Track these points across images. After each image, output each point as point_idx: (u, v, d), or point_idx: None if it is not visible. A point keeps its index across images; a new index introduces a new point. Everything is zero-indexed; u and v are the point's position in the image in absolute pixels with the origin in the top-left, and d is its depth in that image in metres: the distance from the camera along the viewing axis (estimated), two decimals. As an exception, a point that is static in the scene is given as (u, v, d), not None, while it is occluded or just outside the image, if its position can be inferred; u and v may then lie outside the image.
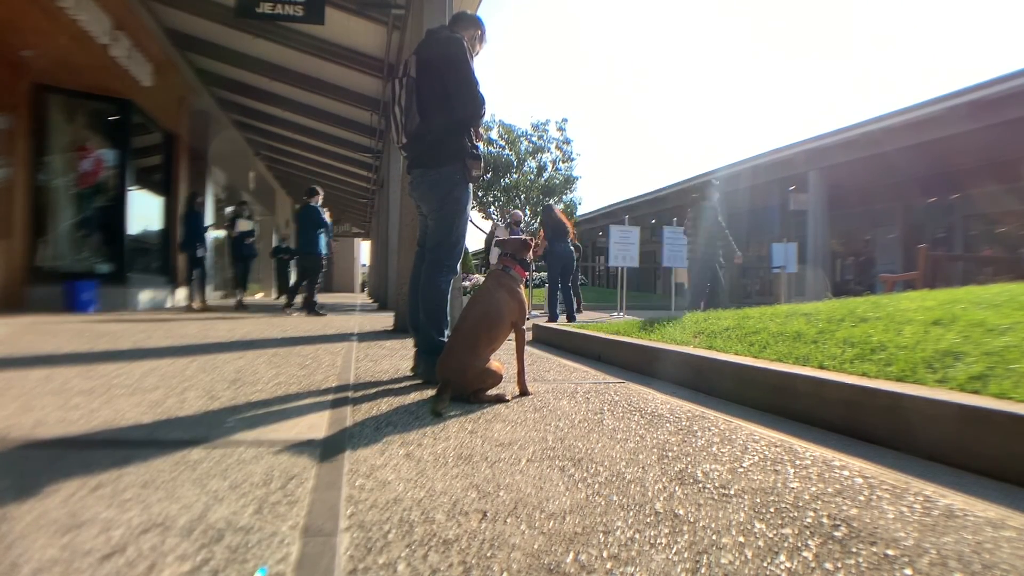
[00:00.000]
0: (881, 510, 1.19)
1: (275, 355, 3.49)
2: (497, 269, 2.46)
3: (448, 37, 2.72)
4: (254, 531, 1.06)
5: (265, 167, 17.61)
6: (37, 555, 0.95)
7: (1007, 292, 3.02)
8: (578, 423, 1.92)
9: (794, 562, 0.97)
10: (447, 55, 2.66)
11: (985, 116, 10.09)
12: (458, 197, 2.69)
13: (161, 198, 10.12)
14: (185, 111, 10.52)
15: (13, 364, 3.01)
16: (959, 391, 1.67)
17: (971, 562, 0.97)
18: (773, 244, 13.83)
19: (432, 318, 2.67)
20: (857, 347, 2.32)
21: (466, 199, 2.73)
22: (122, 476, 1.33)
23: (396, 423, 1.88)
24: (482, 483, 1.33)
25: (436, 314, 2.67)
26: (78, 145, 8.08)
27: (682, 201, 18.94)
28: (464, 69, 2.63)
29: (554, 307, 7.72)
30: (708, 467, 1.47)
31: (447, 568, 0.94)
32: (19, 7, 6.13)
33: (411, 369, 2.90)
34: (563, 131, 30.47)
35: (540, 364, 3.39)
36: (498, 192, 29.81)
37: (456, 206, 2.70)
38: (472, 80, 2.64)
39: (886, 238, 16.71)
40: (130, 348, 3.77)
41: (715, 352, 2.74)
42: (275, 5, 6.72)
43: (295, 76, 9.76)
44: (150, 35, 8.57)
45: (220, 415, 1.94)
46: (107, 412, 1.96)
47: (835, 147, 13.23)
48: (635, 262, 11.79)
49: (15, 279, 7.12)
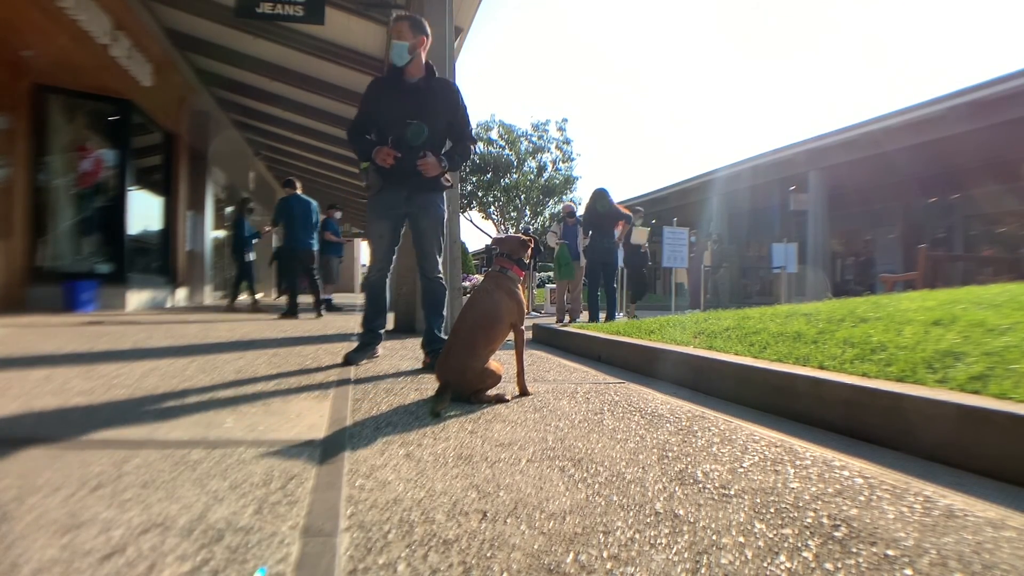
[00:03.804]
0: (881, 510, 1.19)
1: (275, 355, 3.49)
2: (495, 270, 2.47)
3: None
4: (254, 531, 1.05)
5: (265, 167, 17.62)
6: (37, 555, 0.95)
7: (1007, 292, 3.02)
8: (578, 423, 1.92)
9: (794, 562, 0.97)
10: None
11: (985, 116, 10.08)
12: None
13: (161, 198, 10.11)
14: (185, 111, 10.51)
15: (13, 364, 3.01)
16: (959, 391, 1.67)
17: (971, 562, 0.97)
18: (773, 244, 13.82)
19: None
20: (857, 347, 2.32)
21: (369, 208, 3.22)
22: (122, 476, 1.33)
23: (396, 423, 1.88)
24: (482, 483, 1.33)
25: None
26: (78, 145, 8.07)
27: (682, 201, 18.97)
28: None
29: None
30: (708, 467, 1.47)
31: (447, 568, 0.94)
32: (19, 7, 6.12)
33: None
34: (563, 131, 30.50)
35: (540, 364, 3.39)
36: (498, 192, 29.81)
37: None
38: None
39: (886, 238, 16.70)
40: (130, 348, 3.77)
41: (715, 352, 2.74)
42: (275, 5, 6.71)
43: (295, 76, 9.75)
44: (150, 35, 8.56)
45: (220, 415, 1.94)
46: (107, 412, 1.96)
47: (835, 147, 13.22)
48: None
49: (15, 279, 7.11)
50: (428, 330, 3.18)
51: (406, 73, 3.04)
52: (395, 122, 2.99)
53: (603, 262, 7.04)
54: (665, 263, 12.05)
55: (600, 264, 7.04)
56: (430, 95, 3.04)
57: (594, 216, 7.08)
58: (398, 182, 3.03)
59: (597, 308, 7.11)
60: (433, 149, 3.03)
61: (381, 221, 3.13)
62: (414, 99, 3.02)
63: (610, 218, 7.07)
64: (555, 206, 29.43)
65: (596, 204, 7.10)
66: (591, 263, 7.14)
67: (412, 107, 3.00)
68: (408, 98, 3.02)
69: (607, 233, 7.07)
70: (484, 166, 29.58)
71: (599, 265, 7.05)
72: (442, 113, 3.06)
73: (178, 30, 9.16)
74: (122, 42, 7.55)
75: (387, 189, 3.07)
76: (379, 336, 3.33)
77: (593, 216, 7.10)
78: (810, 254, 13.53)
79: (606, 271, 7.08)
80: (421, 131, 2.95)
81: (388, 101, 3.06)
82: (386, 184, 3.06)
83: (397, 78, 3.06)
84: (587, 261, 7.27)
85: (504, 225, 30.37)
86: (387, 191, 3.07)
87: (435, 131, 3.03)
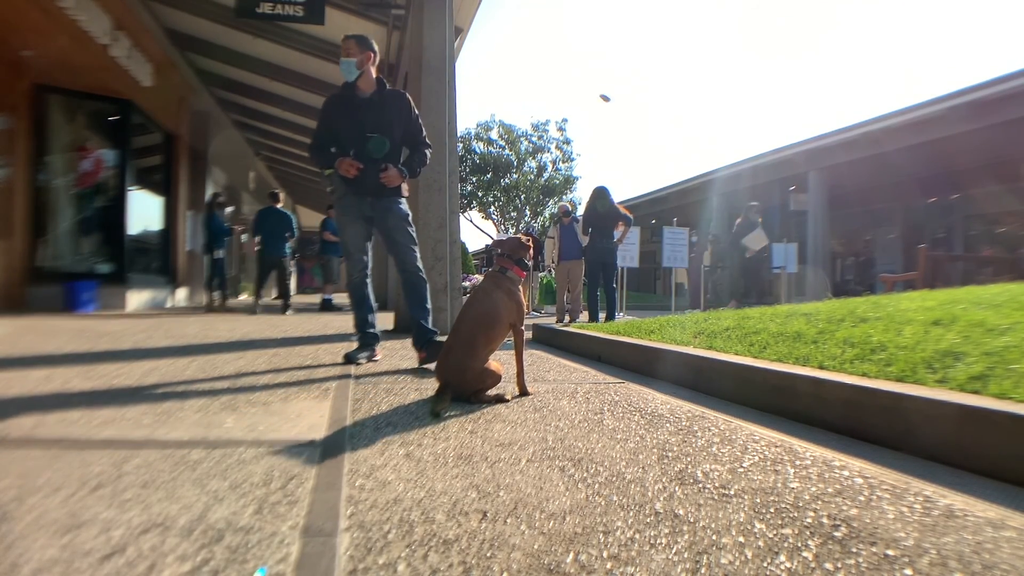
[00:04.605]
0: (881, 510, 1.19)
1: (275, 355, 3.49)
2: (495, 270, 2.47)
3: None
4: (254, 531, 1.05)
5: (265, 167, 17.62)
6: (37, 555, 0.95)
7: (1007, 292, 3.02)
8: (578, 423, 1.92)
9: (794, 562, 0.97)
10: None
11: (985, 116, 10.08)
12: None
13: (161, 198, 10.11)
14: (185, 111, 10.51)
15: (13, 364, 3.01)
16: (959, 391, 1.67)
17: (971, 562, 0.97)
18: (773, 244, 13.82)
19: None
20: (857, 347, 2.32)
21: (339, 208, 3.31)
22: (122, 476, 1.33)
23: (396, 423, 1.88)
24: (482, 483, 1.33)
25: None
26: (78, 145, 8.08)
27: (682, 201, 18.96)
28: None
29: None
30: (708, 467, 1.47)
31: (447, 568, 0.94)
32: (19, 7, 6.13)
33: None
34: (563, 131, 30.48)
35: (540, 364, 3.39)
36: (498, 192, 29.81)
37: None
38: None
39: (886, 238, 16.71)
40: (130, 348, 3.77)
41: (715, 352, 2.74)
42: (275, 5, 6.72)
43: (295, 76, 9.76)
44: (150, 35, 8.57)
45: (220, 415, 1.94)
46: (107, 412, 1.96)
47: (835, 147, 13.22)
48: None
49: (15, 279, 7.12)
50: (415, 325, 3.22)
51: (358, 88, 3.20)
52: (354, 136, 3.14)
53: (603, 262, 7.01)
54: (665, 263, 12.05)
55: (600, 264, 7.02)
56: (384, 108, 3.19)
57: (594, 216, 7.06)
58: (362, 191, 3.17)
59: (597, 308, 7.09)
60: (392, 160, 3.18)
61: (353, 223, 3.24)
62: (369, 113, 3.17)
63: (610, 218, 7.04)
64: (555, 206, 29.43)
65: (596, 203, 7.07)
66: (591, 263, 7.11)
67: (368, 120, 3.15)
68: (363, 112, 3.17)
69: (607, 233, 7.05)
70: (484, 166, 29.59)
71: (599, 265, 7.02)
72: (396, 124, 3.21)
73: (178, 30, 9.16)
74: (122, 42, 7.56)
75: (349, 193, 3.20)
76: (376, 336, 3.37)
77: (593, 216, 7.08)
78: (810, 254, 13.53)
79: (606, 271, 7.06)
80: (383, 144, 3.11)
81: (345, 116, 3.19)
82: (348, 189, 3.18)
83: (351, 94, 3.21)
84: (587, 261, 7.23)
85: (504, 225, 30.38)
86: (350, 195, 3.20)
87: (392, 141, 3.18)
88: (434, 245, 5.30)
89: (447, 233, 5.40)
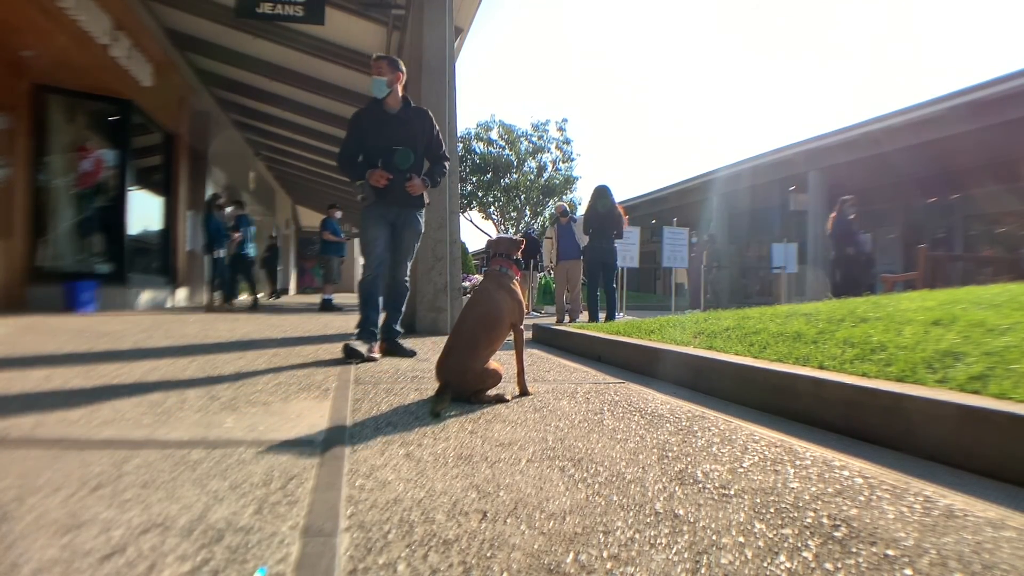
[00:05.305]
0: (881, 510, 1.19)
1: (275, 355, 3.49)
2: (494, 269, 2.47)
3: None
4: (254, 531, 1.06)
5: (265, 167, 17.61)
6: (37, 555, 0.95)
7: (1007, 292, 3.02)
8: (578, 423, 1.92)
9: (794, 562, 0.97)
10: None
11: (985, 116, 10.08)
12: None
13: (161, 198, 10.11)
14: (185, 111, 10.50)
15: (13, 364, 3.01)
16: (959, 391, 1.67)
17: (971, 562, 0.97)
18: (773, 244, 13.83)
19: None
20: (857, 347, 2.32)
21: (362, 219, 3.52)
22: (122, 476, 1.33)
23: (396, 423, 1.88)
24: (482, 483, 1.33)
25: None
26: (78, 145, 8.07)
27: (682, 201, 18.96)
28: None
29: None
30: (708, 467, 1.47)
31: (447, 568, 0.94)
32: (19, 7, 6.12)
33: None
34: (563, 131, 30.49)
35: (540, 364, 3.39)
36: (498, 192, 29.82)
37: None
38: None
39: (886, 238, 16.71)
40: (130, 348, 3.77)
41: (715, 352, 2.74)
42: (275, 5, 6.72)
43: (295, 76, 9.75)
44: (150, 35, 8.56)
45: (220, 415, 1.94)
46: (107, 412, 1.96)
47: (835, 147, 13.23)
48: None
49: (15, 279, 7.11)
50: (387, 323, 3.60)
51: (386, 104, 3.50)
52: (381, 149, 3.43)
53: (603, 262, 6.99)
54: (665, 263, 12.05)
55: (600, 264, 7.00)
56: (409, 123, 3.50)
57: (594, 216, 7.05)
58: (389, 199, 3.43)
59: (597, 308, 7.08)
60: (416, 170, 3.49)
61: (377, 227, 3.47)
62: (396, 128, 3.46)
63: (610, 219, 7.02)
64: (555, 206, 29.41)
65: (597, 203, 7.04)
66: (591, 263, 7.09)
67: (396, 135, 3.44)
68: (390, 127, 3.46)
69: (607, 234, 7.03)
70: (484, 166, 29.59)
71: (599, 265, 7.00)
72: (420, 138, 3.52)
73: (178, 30, 9.16)
74: (122, 42, 7.55)
75: (379, 203, 3.44)
76: (375, 334, 3.50)
77: (593, 216, 7.06)
78: (810, 254, 13.53)
79: (606, 271, 7.04)
80: (408, 156, 3.42)
81: (373, 130, 3.47)
82: (378, 199, 3.43)
83: (378, 109, 3.50)
84: (587, 261, 7.21)
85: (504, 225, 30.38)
86: (379, 204, 3.45)
87: (416, 154, 3.49)
88: (434, 245, 5.30)
89: (447, 233, 5.40)
